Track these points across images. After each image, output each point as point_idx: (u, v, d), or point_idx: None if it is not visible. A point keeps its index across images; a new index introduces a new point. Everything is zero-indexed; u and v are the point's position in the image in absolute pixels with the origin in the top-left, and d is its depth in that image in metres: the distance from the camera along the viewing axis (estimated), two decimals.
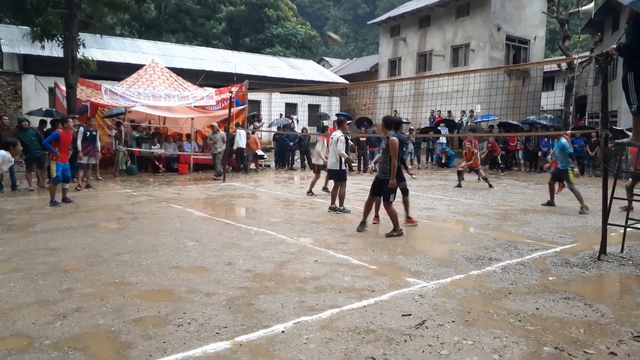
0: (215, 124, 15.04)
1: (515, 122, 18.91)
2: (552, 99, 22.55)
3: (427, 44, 25.56)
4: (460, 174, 13.14)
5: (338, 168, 8.87)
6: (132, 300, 4.18)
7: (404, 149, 7.88)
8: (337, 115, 24.41)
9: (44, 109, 14.54)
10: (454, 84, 19.66)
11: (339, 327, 3.66)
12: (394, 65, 27.83)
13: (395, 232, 6.86)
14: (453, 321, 3.80)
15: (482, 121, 20.36)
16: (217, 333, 3.53)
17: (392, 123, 7.08)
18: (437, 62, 24.88)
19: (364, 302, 4.19)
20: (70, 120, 9.93)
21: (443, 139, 19.49)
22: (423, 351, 3.29)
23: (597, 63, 5.83)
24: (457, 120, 21.57)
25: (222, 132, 14.64)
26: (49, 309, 3.93)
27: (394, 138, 6.80)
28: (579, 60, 18.81)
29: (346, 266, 5.28)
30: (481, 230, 7.37)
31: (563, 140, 9.37)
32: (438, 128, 20.15)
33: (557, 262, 5.60)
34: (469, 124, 20.67)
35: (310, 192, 10.80)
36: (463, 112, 21.41)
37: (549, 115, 20.32)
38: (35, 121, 13.19)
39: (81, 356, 3.17)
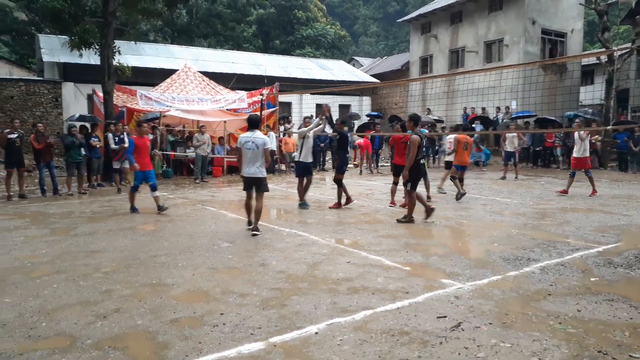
0: (203, 124, 14.92)
1: (552, 118, 18.38)
2: (592, 93, 21.81)
3: (459, 40, 25.12)
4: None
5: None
6: (169, 301, 4.26)
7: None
8: (367, 115, 24.33)
9: (77, 115, 15.06)
10: (487, 80, 19.25)
11: (372, 328, 3.63)
12: (426, 62, 27.47)
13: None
14: (490, 323, 3.72)
15: (518, 117, 19.84)
16: (252, 334, 3.56)
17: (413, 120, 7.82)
18: (469, 58, 24.41)
19: (398, 303, 4.14)
20: (145, 124, 9.65)
21: (476, 137, 19.12)
22: (459, 354, 3.23)
23: (639, 54, 5.60)
24: (491, 117, 21.13)
25: (208, 135, 14.69)
26: (90, 310, 4.06)
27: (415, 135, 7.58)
28: (619, 52, 18.12)
29: (379, 267, 5.24)
30: (519, 230, 7.18)
31: None
32: (472, 125, 19.78)
33: (599, 263, 5.41)
34: (504, 120, 20.21)
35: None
36: (498, 108, 20.95)
37: (590, 110, 19.66)
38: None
39: (121, 356, 3.25)
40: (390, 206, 9.30)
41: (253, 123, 7.00)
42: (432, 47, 26.86)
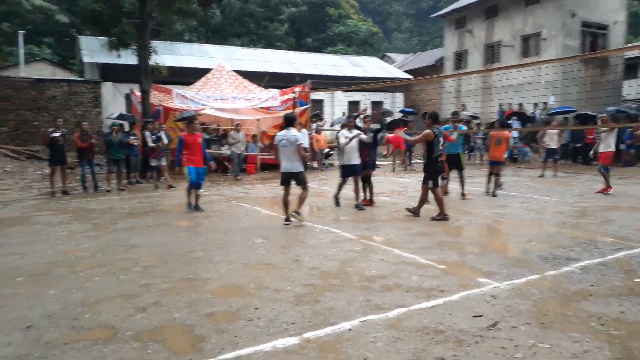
0: (239, 122, 15.05)
1: (593, 114, 17.74)
2: (636, 88, 20.99)
3: (495, 35, 24.57)
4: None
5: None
6: (205, 295, 4.35)
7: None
8: (400, 112, 24.10)
9: (117, 114, 15.51)
10: (524, 75, 18.75)
11: (406, 326, 3.61)
12: (460, 58, 27.00)
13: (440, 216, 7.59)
14: (528, 323, 3.64)
15: (557, 113, 19.26)
16: (286, 329, 3.60)
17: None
18: (505, 53, 23.85)
19: (433, 302, 4.10)
20: (196, 120, 9.19)
21: (515, 133, 18.62)
22: (495, 353, 3.18)
23: None
24: (529, 113, 20.59)
25: (243, 133, 14.81)
26: (130, 303, 4.18)
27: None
28: None
29: (413, 265, 5.19)
30: (558, 229, 6.98)
31: None
32: (509, 122, 19.32)
33: None
34: (542, 116, 19.65)
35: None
36: (535, 104, 20.39)
37: (633, 105, 18.89)
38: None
39: (160, 348, 3.34)
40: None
41: (287, 121, 7.56)
42: (467, 42, 26.38)
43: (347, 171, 8.89)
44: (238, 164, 14.46)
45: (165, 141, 12.51)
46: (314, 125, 17.63)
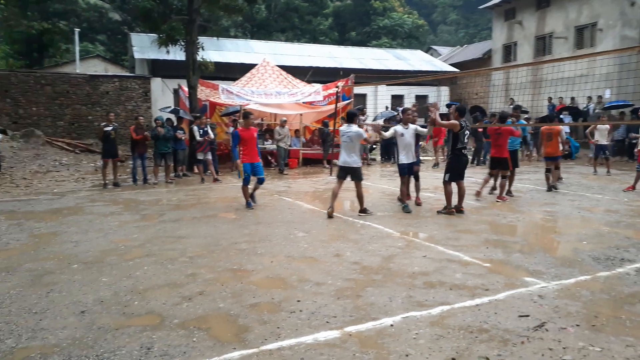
0: (284, 118, 15.36)
1: None
2: None
3: (547, 26, 23.62)
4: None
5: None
6: (249, 286, 4.44)
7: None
8: (447, 105, 23.61)
9: (170, 108, 15.94)
10: (578, 68, 17.95)
11: (449, 324, 3.56)
12: (509, 50, 26.13)
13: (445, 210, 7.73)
14: (577, 325, 3.51)
15: (612, 107, 18.34)
16: (327, 322, 3.62)
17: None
18: (557, 45, 22.89)
19: (477, 300, 4.02)
20: (251, 115, 9.05)
21: (567, 129, 17.90)
22: (542, 355, 3.09)
23: None
24: (581, 107, 19.71)
25: (287, 127, 14.97)
26: (177, 291, 4.32)
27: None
28: None
29: (457, 263, 5.10)
30: (611, 228, 6.68)
31: None
32: (560, 116, 18.58)
33: None
34: (596, 111, 18.78)
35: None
36: (589, 98, 19.50)
37: None
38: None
39: (204, 336, 3.44)
40: (475, 197, 9.03)
41: (349, 117, 7.96)
42: (517, 34, 25.50)
43: (405, 168, 8.29)
44: (283, 159, 14.62)
45: (212, 136, 12.81)
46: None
